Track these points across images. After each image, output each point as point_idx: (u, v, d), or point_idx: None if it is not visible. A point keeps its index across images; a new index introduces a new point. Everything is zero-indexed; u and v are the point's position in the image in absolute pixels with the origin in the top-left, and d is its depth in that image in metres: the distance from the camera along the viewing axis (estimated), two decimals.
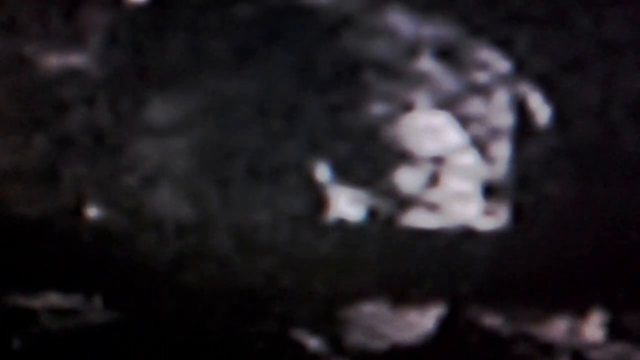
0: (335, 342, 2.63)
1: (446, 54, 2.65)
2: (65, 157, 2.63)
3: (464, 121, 2.64)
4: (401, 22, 2.67)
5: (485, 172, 2.63)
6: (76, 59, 2.66)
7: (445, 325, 2.63)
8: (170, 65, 2.65)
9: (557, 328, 2.63)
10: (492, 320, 2.63)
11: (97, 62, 2.65)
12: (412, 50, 2.66)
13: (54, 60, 2.66)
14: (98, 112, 2.64)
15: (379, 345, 2.63)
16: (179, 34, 2.67)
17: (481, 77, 2.65)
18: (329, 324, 2.62)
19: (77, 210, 2.61)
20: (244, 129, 2.63)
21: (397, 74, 2.65)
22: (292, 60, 2.66)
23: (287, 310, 2.62)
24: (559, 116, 2.65)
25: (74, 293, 2.62)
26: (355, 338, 2.62)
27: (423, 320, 2.62)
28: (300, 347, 2.62)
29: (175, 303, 2.63)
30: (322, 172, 2.61)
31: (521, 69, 2.65)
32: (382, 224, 2.60)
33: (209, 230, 2.61)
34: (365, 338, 2.63)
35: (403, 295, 2.62)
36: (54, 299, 2.62)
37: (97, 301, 2.62)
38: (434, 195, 2.62)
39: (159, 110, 2.64)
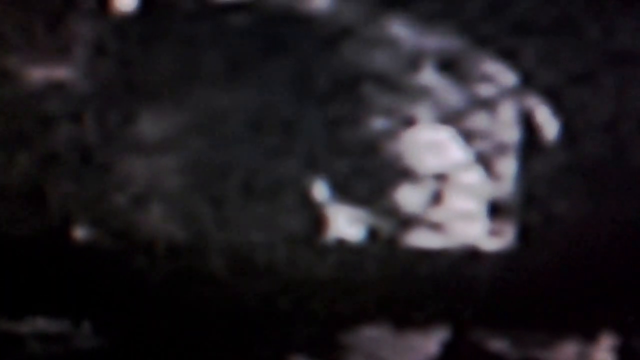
0: None
1: (449, 66, 2.64)
2: (50, 176, 2.60)
3: (468, 136, 2.62)
4: (402, 32, 2.65)
5: (491, 189, 2.61)
6: (61, 72, 2.63)
7: (449, 350, 2.61)
8: (160, 78, 2.63)
9: (566, 352, 2.61)
10: (497, 345, 2.61)
11: (83, 75, 2.63)
12: (414, 62, 2.64)
13: (38, 74, 2.63)
14: (85, 128, 2.61)
15: None
16: (170, 45, 2.64)
17: (486, 90, 2.64)
18: (328, 348, 2.61)
19: (63, 231, 2.59)
20: (238, 145, 2.61)
21: (398, 87, 2.63)
22: (288, 73, 2.63)
23: (284, 335, 2.61)
24: (568, 131, 2.63)
25: (61, 318, 2.60)
26: None
27: (426, 344, 2.61)
28: None
29: (168, 327, 2.60)
30: (320, 190, 2.59)
31: (528, 82, 2.64)
32: (383, 244, 2.58)
33: (203, 251, 2.58)
34: None
35: (405, 318, 2.61)
36: (41, 324, 2.60)
37: (86, 326, 2.60)
38: (437, 214, 2.59)
39: (149, 126, 2.61)
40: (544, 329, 2.60)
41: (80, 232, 2.57)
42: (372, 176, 2.58)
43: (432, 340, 2.60)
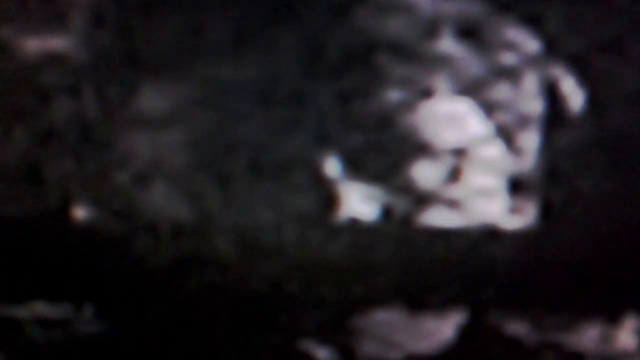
0: (347, 353, 2.59)
1: (469, 34, 2.61)
2: (48, 153, 2.58)
3: (489, 108, 2.59)
4: None
5: (512, 165, 2.58)
6: (58, 43, 2.60)
7: (465, 334, 2.59)
8: (163, 49, 2.60)
9: (588, 336, 2.59)
10: (516, 328, 2.59)
11: (81, 46, 2.60)
12: (432, 29, 2.61)
13: (33, 45, 2.60)
14: (84, 102, 2.59)
15: (393, 355, 2.59)
16: (173, 13, 2.61)
17: (508, 58, 2.60)
18: (339, 333, 2.60)
19: (63, 212, 2.57)
20: (245, 120, 2.58)
21: (415, 56, 2.59)
22: (298, 43, 2.60)
23: (294, 319, 2.59)
24: (594, 102, 2.59)
25: (62, 302, 2.59)
26: (368, 348, 2.59)
27: (442, 328, 2.59)
28: (308, 359, 2.58)
29: (173, 312, 2.59)
30: (332, 167, 2.56)
31: (552, 50, 2.61)
32: (397, 224, 2.56)
33: (209, 232, 2.56)
34: (379, 348, 2.59)
35: (420, 301, 2.59)
36: (41, 308, 2.59)
37: (88, 310, 2.59)
38: (454, 191, 2.57)
39: (152, 100, 2.58)
40: (566, 311, 2.59)
41: (80, 213, 2.55)
42: (386, 151, 2.56)
43: (448, 324, 2.58)
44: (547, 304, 2.58)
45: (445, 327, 2.58)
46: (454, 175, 2.55)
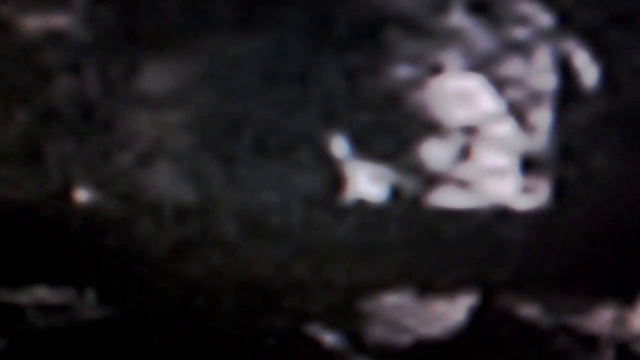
0: (355, 338, 2.58)
1: (480, 8, 2.60)
2: (48, 134, 2.57)
3: (500, 85, 2.58)
4: None
5: (524, 143, 2.57)
6: (58, 20, 2.60)
7: (476, 317, 2.58)
8: (166, 25, 2.59)
9: (602, 318, 2.57)
10: (529, 311, 2.58)
11: (82, 23, 2.60)
12: (441, 3, 2.60)
13: (33, 23, 2.60)
14: (85, 81, 2.58)
15: (403, 340, 2.58)
16: None
17: (520, 33, 2.60)
18: (347, 317, 2.59)
19: (64, 194, 2.56)
20: (250, 97, 2.57)
21: (424, 31, 2.59)
22: (304, 17, 2.60)
23: (301, 303, 2.58)
24: (608, 77, 2.59)
25: (63, 287, 2.58)
26: (376, 333, 2.58)
27: (452, 312, 2.59)
28: (315, 344, 2.57)
29: (176, 296, 2.59)
30: (339, 146, 2.56)
31: (565, 23, 2.60)
32: (406, 204, 2.56)
33: (213, 214, 2.56)
34: (388, 333, 2.58)
35: (430, 284, 2.59)
36: (42, 293, 2.58)
37: (90, 295, 2.58)
38: (465, 171, 2.56)
39: (155, 78, 2.58)
40: (579, 293, 2.57)
41: (81, 195, 2.55)
42: (394, 130, 2.55)
43: (459, 307, 2.57)
44: (560, 286, 2.57)
45: (455, 311, 2.57)
46: (464, 154, 2.55)
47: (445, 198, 2.54)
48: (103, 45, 2.57)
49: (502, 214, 2.54)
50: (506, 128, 2.56)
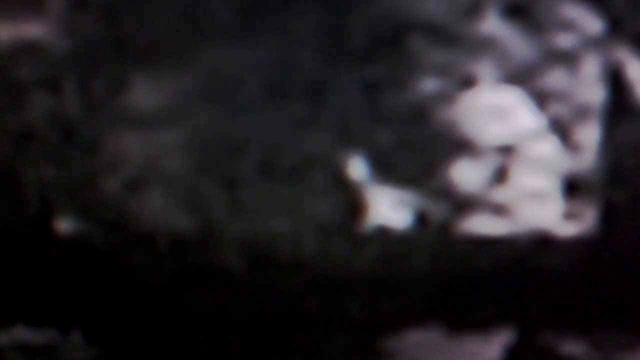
0: None
1: (518, 12, 2.59)
2: (26, 157, 2.56)
3: (541, 99, 2.56)
4: None
5: (568, 163, 2.56)
6: (34, 30, 2.58)
7: (514, 356, 2.59)
8: (157, 34, 2.57)
9: None
10: (573, 349, 2.59)
11: (60, 33, 2.57)
12: (473, 7, 2.59)
13: (6, 33, 2.58)
14: (65, 97, 2.56)
15: None
16: None
17: (564, 40, 2.57)
18: (368, 357, 2.60)
19: (45, 224, 2.56)
20: (254, 114, 2.55)
21: (454, 39, 2.57)
22: (315, 24, 2.57)
23: (316, 342, 2.59)
24: None
25: (46, 327, 2.59)
26: None
27: (486, 351, 2.60)
28: None
29: (174, 336, 2.59)
30: (357, 168, 2.54)
31: (616, 30, 2.58)
32: (434, 232, 2.55)
33: (214, 244, 2.55)
34: None
35: (460, 319, 2.60)
36: (22, 334, 2.59)
37: (76, 336, 2.59)
38: (501, 195, 2.55)
39: (144, 94, 2.56)
40: (628, 329, 2.59)
41: (64, 224, 2.54)
42: (420, 150, 2.53)
43: (494, 346, 2.59)
44: (607, 321, 2.59)
45: (490, 349, 2.59)
46: (500, 176, 2.54)
47: (478, 225, 2.53)
48: (85, 58, 2.56)
49: (542, 242, 2.54)
50: (548, 147, 2.55)
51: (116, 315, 2.57)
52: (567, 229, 2.54)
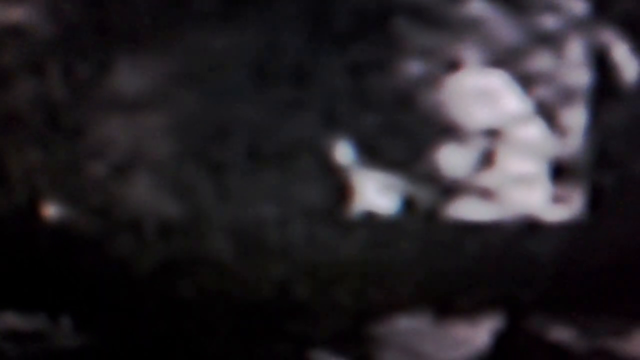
0: None
1: None
2: (11, 142, 2.57)
3: (527, 82, 2.58)
4: None
5: (555, 147, 2.58)
6: (18, 14, 2.60)
7: (502, 342, 2.61)
8: (141, 18, 2.59)
9: None
10: (561, 334, 2.61)
11: (45, 17, 2.59)
12: None
13: None
14: (50, 82, 2.58)
15: None
16: None
17: (549, 22, 2.59)
18: (356, 343, 2.62)
19: (31, 210, 2.57)
20: (240, 99, 2.57)
21: (438, 21, 2.59)
22: (300, 7, 2.59)
23: (304, 328, 2.61)
24: None
25: (35, 313, 2.61)
26: (389, 359, 2.61)
27: (474, 336, 2.61)
28: None
29: (162, 323, 2.61)
30: (344, 153, 2.56)
31: (602, 11, 2.60)
32: (421, 217, 2.56)
33: (202, 230, 2.57)
34: (402, 359, 2.61)
35: (449, 305, 2.61)
36: (12, 320, 2.61)
37: (65, 322, 2.61)
38: (487, 179, 2.57)
39: (129, 78, 2.58)
40: (618, 314, 2.60)
41: (51, 210, 2.56)
42: (406, 134, 2.56)
43: (482, 331, 2.60)
44: (596, 306, 2.61)
45: (478, 335, 2.60)
46: (487, 160, 2.56)
47: (466, 210, 2.55)
48: (69, 42, 2.58)
49: (530, 227, 2.56)
50: (534, 130, 2.57)
51: (104, 301, 2.59)
52: (554, 214, 2.56)
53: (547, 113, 2.58)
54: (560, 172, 2.57)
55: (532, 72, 2.58)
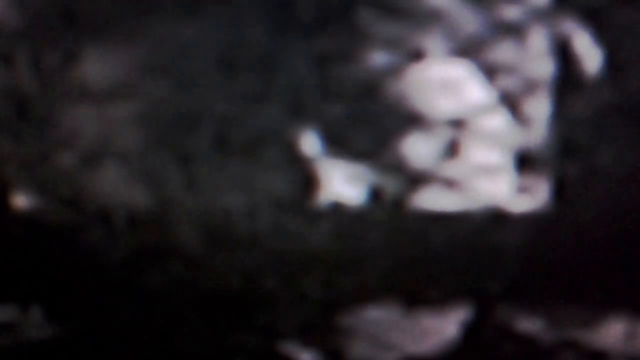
0: (334, 356, 2.64)
1: None
2: None
3: (491, 72, 2.60)
4: None
5: (519, 137, 2.61)
6: None
7: (470, 332, 2.63)
8: (107, 7, 2.61)
9: (611, 333, 2.62)
10: (528, 325, 2.63)
11: (11, 7, 2.60)
12: None
13: None
14: (17, 72, 2.60)
15: (388, 358, 2.64)
16: None
17: (512, 13, 2.61)
18: (324, 334, 2.64)
19: (1, 200, 2.60)
20: (207, 89, 2.60)
21: (402, 11, 2.60)
22: None
23: (273, 319, 2.64)
24: (613, 63, 2.61)
25: (5, 304, 2.63)
26: (358, 350, 2.64)
27: (442, 327, 2.64)
28: None
29: (132, 312, 2.65)
30: (310, 143, 2.60)
31: (564, 1, 2.61)
32: (388, 207, 2.60)
33: (170, 220, 2.61)
34: (372, 350, 2.64)
35: (417, 296, 2.63)
36: None
37: (36, 313, 2.63)
38: (453, 169, 2.60)
39: (97, 68, 2.60)
40: (585, 305, 2.63)
41: (20, 200, 2.60)
42: (372, 124, 2.59)
43: (450, 322, 2.63)
44: (564, 297, 2.62)
45: (446, 326, 2.62)
46: (452, 150, 2.59)
47: (432, 200, 2.59)
48: (36, 32, 2.60)
49: (495, 217, 2.59)
50: (498, 121, 2.60)
51: (74, 291, 2.61)
52: (520, 204, 2.59)
53: (511, 103, 2.60)
54: (525, 162, 2.60)
55: (495, 62, 2.60)
